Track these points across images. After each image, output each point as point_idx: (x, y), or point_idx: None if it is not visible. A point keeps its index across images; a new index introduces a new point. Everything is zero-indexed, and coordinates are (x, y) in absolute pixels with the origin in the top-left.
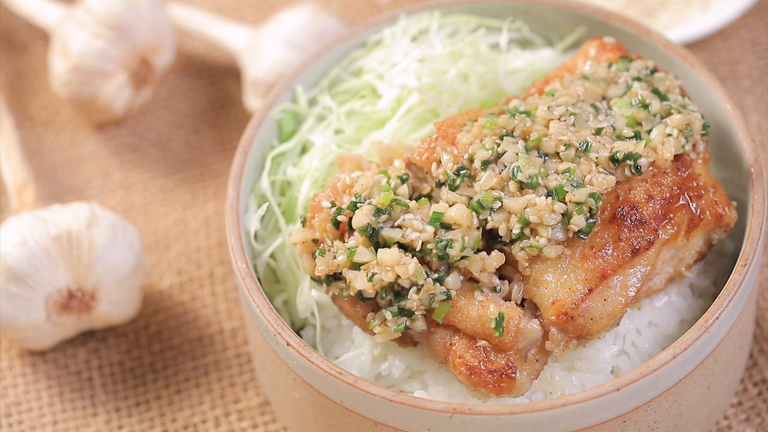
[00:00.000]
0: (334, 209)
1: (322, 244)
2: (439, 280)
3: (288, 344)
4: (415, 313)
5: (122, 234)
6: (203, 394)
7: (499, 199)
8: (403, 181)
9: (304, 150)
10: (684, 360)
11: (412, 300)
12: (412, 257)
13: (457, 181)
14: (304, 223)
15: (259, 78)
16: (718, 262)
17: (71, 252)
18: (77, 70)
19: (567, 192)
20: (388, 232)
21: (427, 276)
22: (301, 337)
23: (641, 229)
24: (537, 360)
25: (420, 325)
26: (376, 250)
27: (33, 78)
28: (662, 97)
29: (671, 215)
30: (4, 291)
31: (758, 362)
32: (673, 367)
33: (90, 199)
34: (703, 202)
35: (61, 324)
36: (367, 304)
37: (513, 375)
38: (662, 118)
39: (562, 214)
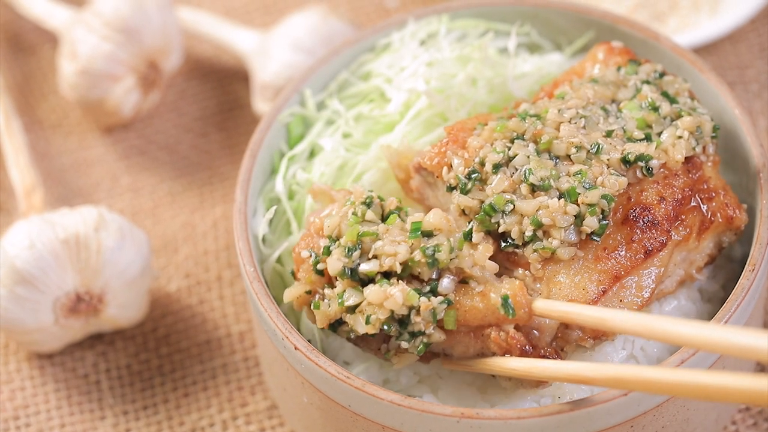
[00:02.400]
0: (312, 259)
1: (315, 295)
2: (432, 291)
3: (296, 348)
4: (427, 331)
5: (130, 237)
6: (211, 398)
7: (511, 201)
8: (368, 205)
9: (312, 154)
10: (692, 364)
11: (417, 323)
12: (398, 281)
13: (469, 185)
14: (294, 276)
15: (268, 81)
16: (727, 266)
17: (79, 255)
18: (86, 73)
19: (579, 194)
20: (365, 268)
21: (420, 294)
22: (309, 340)
23: (654, 231)
24: (563, 350)
25: (438, 336)
26: (364, 286)
27: (41, 81)
28: (672, 100)
29: (683, 217)
30: (13, 294)
31: (766, 367)
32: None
33: (98, 203)
34: (713, 204)
35: (68, 327)
36: (378, 338)
37: (557, 359)
38: (672, 120)
39: (574, 215)
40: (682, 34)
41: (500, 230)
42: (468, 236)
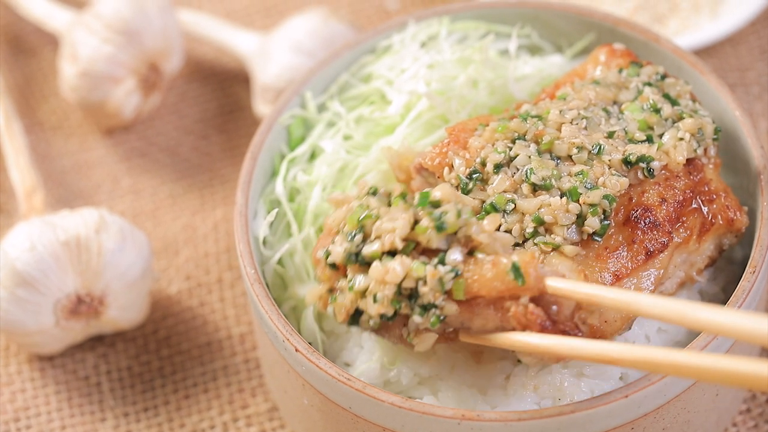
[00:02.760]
0: (323, 254)
1: (335, 292)
2: (441, 262)
3: (296, 350)
4: (437, 302)
5: (131, 239)
6: (211, 400)
7: (512, 201)
8: (374, 194)
9: (312, 156)
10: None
11: (426, 294)
12: (402, 255)
13: (470, 185)
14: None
15: (268, 83)
16: (728, 268)
17: (80, 257)
18: (86, 75)
19: (581, 194)
20: (366, 250)
21: (427, 264)
22: (309, 342)
23: (655, 232)
24: (584, 323)
25: (451, 308)
26: None
27: (42, 83)
28: (673, 102)
29: (684, 218)
30: (13, 296)
31: None
32: None
33: (99, 204)
34: (714, 206)
35: (69, 329)
36: (397, 322)
37: (578, 334)
38: (674, 122)
39: (576, 215)
40: (683, 36)
41: (502, 229)
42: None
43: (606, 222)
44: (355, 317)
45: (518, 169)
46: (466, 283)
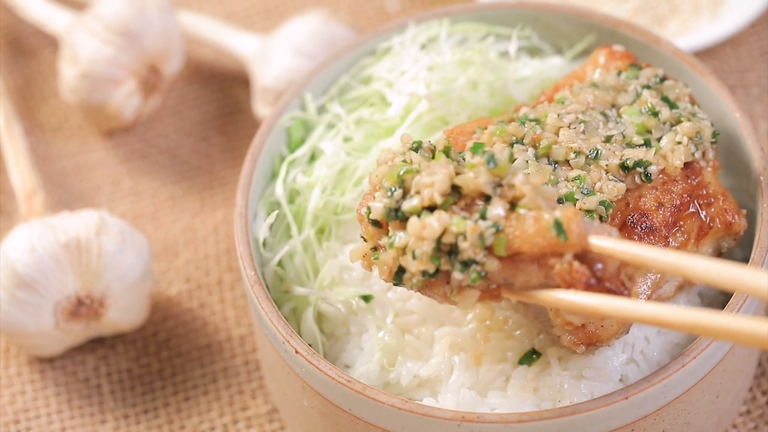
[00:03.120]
0: (365, 211)
1: (379, 250)
2: (482, 216)
3: (296, 352)
4: (477, 258)
5: (131, 241)
6: (211, 402)
7: None
8: (416, 149)
9: (312, 158)
10: (693, 368)
11: (466, 249)
12: (441, 210)
13: None
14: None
15: (268, 85)
16: None
17: (80, 259)
18: (86, 77)
19: (577, 200)
20: (406, 205)
21: (467, 219)
22: (309, 344)
23: (651, 237)
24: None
25: (492, 264)
26: None
27: (42, 85)
28: (672, 105)
29: (681, 223)
30: (13, 297)
31: (767, 371)
32: (681, 375)
33: (99, 206)
34: (712, 210)
35: (69, 331)
36: (440, 280)
37: (627, 294)
38: (672, 125)
39: None
40: (683, 37)
41: None
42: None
43: None
44: (399, 275)
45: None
46: (507, 239)
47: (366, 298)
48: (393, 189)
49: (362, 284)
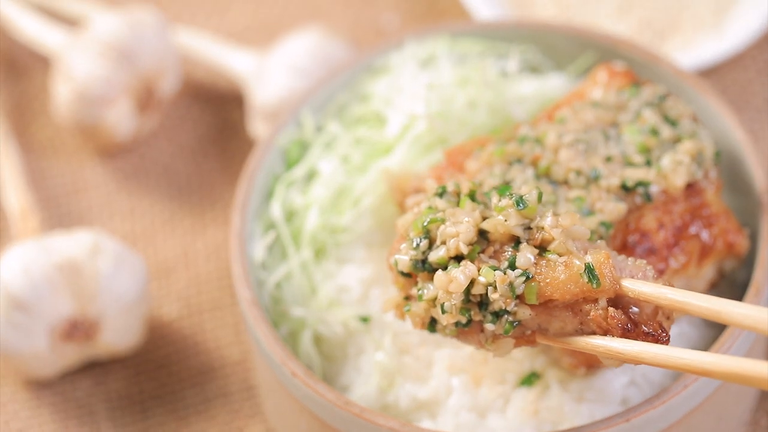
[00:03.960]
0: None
1: (411, 300)
2: (510, 266)
3: (294, 374)
4: (509, 308)
5: (126, 262)
6: (207, 423)
7: None
8: (441, 194)
9: (310, 177)
10: (695, 390)
11: (496, 300)
12: (468, 261)
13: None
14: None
15: (265, 104)
16: (730, 290)
17: (75, 280)
18: (81, 96)
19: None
20: (432, 257)
21: (495, 270)
22: (307, 366)
23: (652, 258)
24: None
25: (524, 312)
26: None
27: (37, 104)
28: (673, 124)
29: (683, 243)
30: (7, 319)
31: None
32: (683, 398)
33: (93, 226)
34: (714, 230)
35: (64, 353)
36: (474, 328)
37: (666, 338)
38: (673, 144)
39: None
40: (685, 54)
41: None
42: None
43: None
44: (432, 325)
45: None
46: (538, 287)
47: (364, 320)
48: (419, 240)
49: (360, 305)
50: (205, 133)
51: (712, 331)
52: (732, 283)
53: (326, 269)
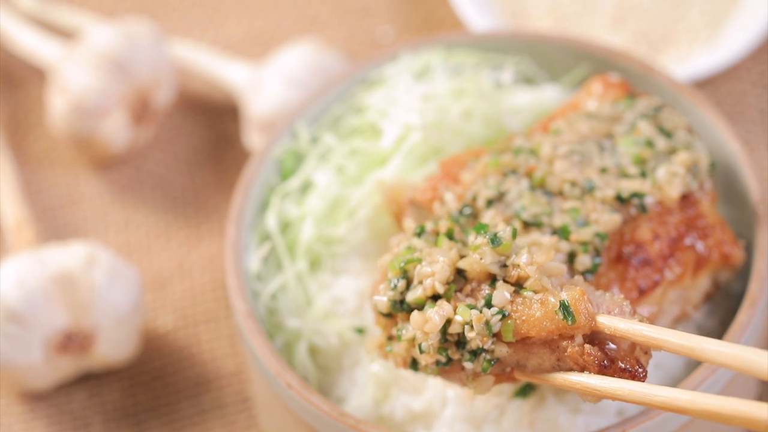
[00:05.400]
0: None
1: (393, 340)
2: (487, 304)
3: (289, 386)
4: (486, 346)
5: (121, 274)
6: None
7: None
8: (419, 234)
9: (305, 188)
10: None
11: (473, 339)
12: (447, 301)
13: (461, 221)
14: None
15: (260, 115)
16: (725, 302)
17: (69, 292)
18: (76, 108)
19: (572, 231)
20: (410, 297)
21: (471, 308)
22: (302, 378)
23: (647, 269)
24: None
25: (501, 350)
26: None
27: (31, 116)
28: (668, 135)
29: (678, 255)
30: (2, 331)
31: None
32: None
33: (88, 238)
34: (709, 241)
35: (59, 365)
36: (455, 367)
37: (643, 375)
38: (668, 156)
39: (567, 253)
40: (681, 65)
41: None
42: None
43: (597, 260)
44: (414, 364)
45: (509, 205)
46: (514, 324)
47: (359, 331)
48: (397, 280)
49: (355, 316)
50: (201, 144)
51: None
52: (727, 295)
53: (321, 280)
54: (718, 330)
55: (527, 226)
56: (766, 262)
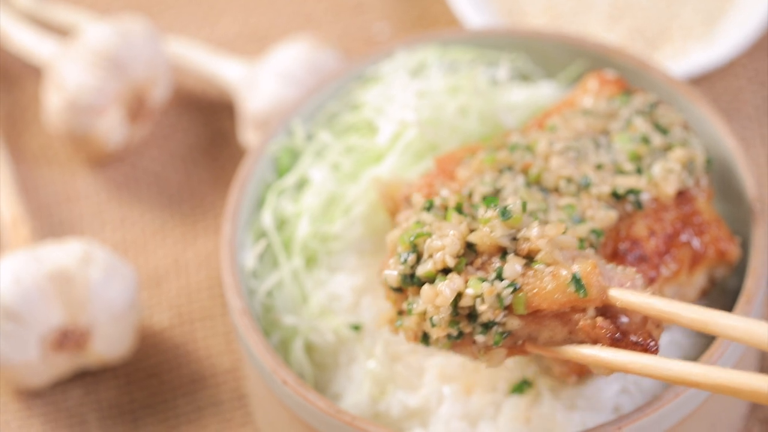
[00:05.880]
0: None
1: (403, 314)
2: (498, 277)
3: (285, 383)
4: (497, 319)
5: (117, 271)
6: (199, 431)
7: None
8: (428, 209)
9: (300, 185)
10: (687, 398)
11: (485, 312)
12: (454, 273)
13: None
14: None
15: (256, 112)
16: (721, 298)
17: (65, 290)
18: (72, 106)
19: (568, 228)
20: (420, 271)
21: (483, 280)
22: (298, 375)
23: (643, 266)
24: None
25: (513, 323)
26: None
27: (29, 114)
28: (664, 132)
29: (674, 251)
30: None
31: None
32: (676, 405)
33: (84, 235)
34: (705, 238)
35: (55, 362)
36: (467, 340)
37: (654, 348)
38: (664, 152)
39: None
40: (676, 62)
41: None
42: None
43: None
44: (425, 339)
45: (505, 202)
46: (526, 297)
47: (355, 328)
48: (406, 254)
49: (351, 313)
50: (196, 142)
51: (705, 339)
52: (723, 291)
53: (317, 277)
54: None
55: None
56: (762, 258)
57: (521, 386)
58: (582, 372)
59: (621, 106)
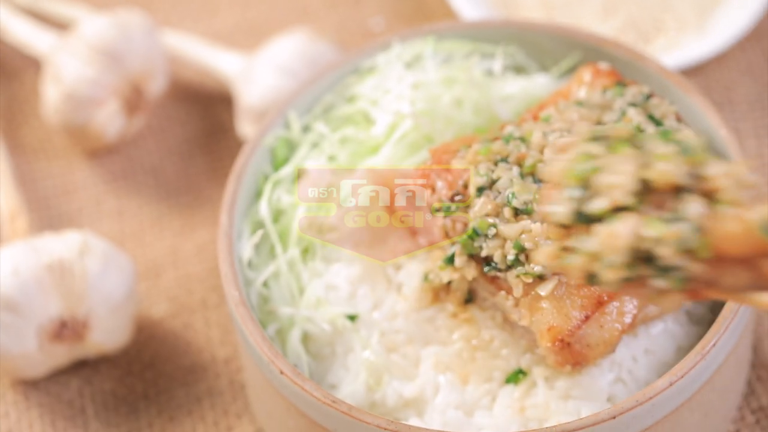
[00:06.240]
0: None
1: (567, 251)
2: (678, 218)
3: (281, 373)
4: (678, 263)
5: (115, 262)
6: (196, 422)
7: (494, 225)
8: (596, 139)
9: (297, 176)
10: (681, 387)
11: (666, 256)
12: (632, 213)
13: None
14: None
15: (253, 104)
16: None
17: (63, 281)
18: (70, 98)
19: None
20: (592, 208)
21: (662, 221)
22: (294, 365)
23: None
24: None
25: (696, 268)
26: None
27: (25, 106)
28: (657, 123)
29: None
30: None
31: (756, 389)
32: (669, 394)
33: (82, 227)
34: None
35: (53, 353)
36: (639, 281)
37: None
38: None
39: None
40: (670, 54)
41: (483, 254)
42: (450, 260)
43: None
44: (593, 278)
45: (500, 193)
46: (710, 241)
47: (352, 318)
48: (576, 190)
49: (348, 303)
50: (194, 134)
51: (698, 328)
52: None
53: (314, 268)
54: (708, 317)
55: (518, 213)
56: None
57: (516, 376)
58: (577, 362)
59: (615, 97)
